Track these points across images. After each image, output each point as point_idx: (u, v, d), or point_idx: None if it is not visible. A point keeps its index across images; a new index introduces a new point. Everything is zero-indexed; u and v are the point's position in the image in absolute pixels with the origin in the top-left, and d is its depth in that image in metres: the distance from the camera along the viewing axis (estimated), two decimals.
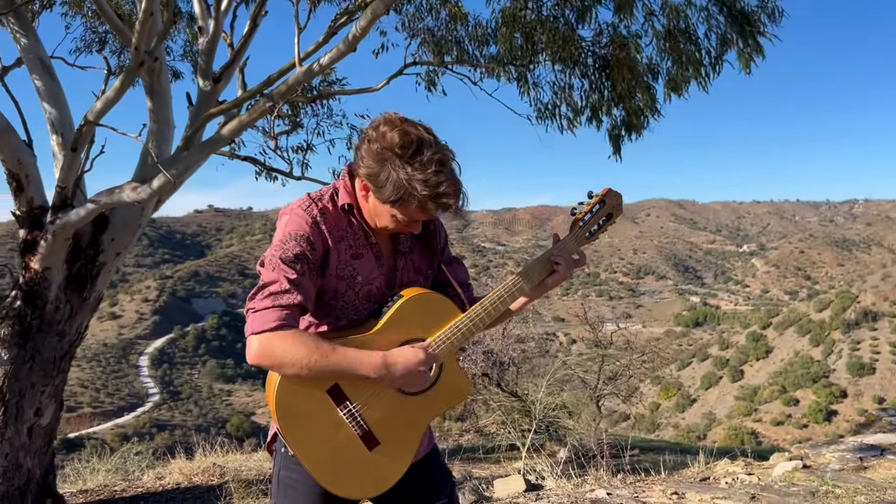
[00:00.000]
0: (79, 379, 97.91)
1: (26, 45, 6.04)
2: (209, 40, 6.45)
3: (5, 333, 5.49)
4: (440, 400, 2.01)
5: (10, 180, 5.49)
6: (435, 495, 2.14)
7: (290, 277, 1.80)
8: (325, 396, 1.87)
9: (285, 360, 1.76)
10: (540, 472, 5.08)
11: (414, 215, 1.87)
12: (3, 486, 5.40)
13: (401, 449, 1.97)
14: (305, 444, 1.87)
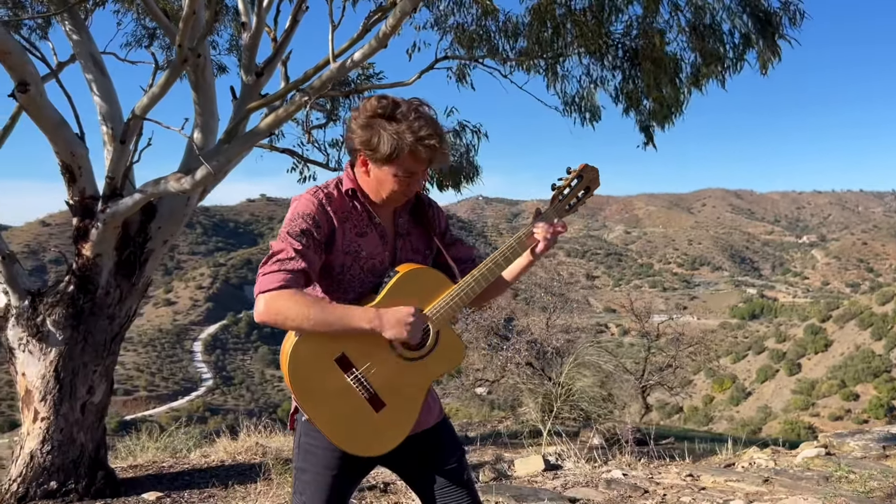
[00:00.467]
0: (135, 363, 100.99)
1: (79, 43, 6.35)
2: (252, 35, 6.69)
3: (60, 316, 5.82)
4: (438, 364, 2.18)
5: (63, 171, 5.80)
6: (444, 461, 2.29)
7: (295, 248, 2.01)
8: (333, 364, 2.05)
9: (288, 315, 1.95)
10: (560, 453, 5.19)
11: (410, 166, 2.06)
12: (58, 459, 5.75)
13: (405, 410, 2.15)
14: (319, 410, 2.06)
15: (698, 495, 4.00)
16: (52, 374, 5.77)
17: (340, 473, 2.17)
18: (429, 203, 2.36)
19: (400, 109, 2.04)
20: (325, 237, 2.08)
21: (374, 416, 2.10)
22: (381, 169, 2.08)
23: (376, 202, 2.18)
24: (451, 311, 2.15)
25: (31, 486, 5.66)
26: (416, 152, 2.03)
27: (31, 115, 5.29)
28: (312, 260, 2.04)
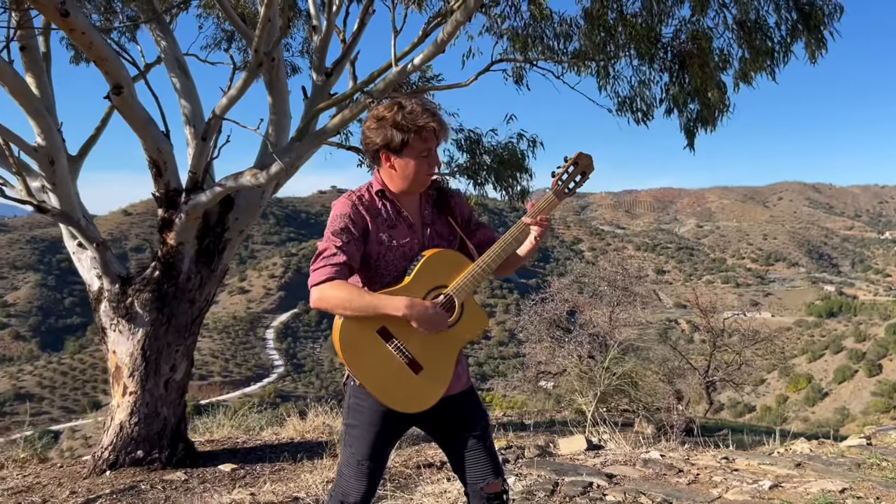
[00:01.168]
0: (210, 349, 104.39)
1: (165, 47, 6.85)
2: (322, 38, 7.07)
3: (146, 299, 6.34)
4: (464, 332, 2.54)
5: (151, 166, 6.29)
6: (469, 426, 2.61)
7: (337, 245, 2.40)
8: (376, 335, 2.42)
9: (334, 302, 2.35)
10: (602, 434, 5.40)
11: (422, 147, 2.45)
12: (144, 430, 6.27)
13: (440, 372, 2.50)
14: (366, 374, 2.43)
15: (730, 475, 4.16)
16: (140, 352, 6.29)
17: (382, 429, 2.53)
18: (451, 194, 2.71)
19: (403, 107, 2.44)
20: (361, 232, 2.45)
21: (414, 378, 2.46)
22: (402, 158, 2.46)
23: (402, 196, 2.55)
24: (472, 286, 2.50)
25: (120, 453, 6.20)
26: (421, 134, 2.42)
27: (123, 115, 5.77)
28: (352, 253, 2.42)
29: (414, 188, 2.55)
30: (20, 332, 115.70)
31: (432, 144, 2.48)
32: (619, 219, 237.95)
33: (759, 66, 5.13)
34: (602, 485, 4.03)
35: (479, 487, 2.57)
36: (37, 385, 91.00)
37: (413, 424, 2.67)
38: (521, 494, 3.88)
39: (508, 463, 4.68)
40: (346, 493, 2.55)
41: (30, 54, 6.58)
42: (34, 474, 6.50)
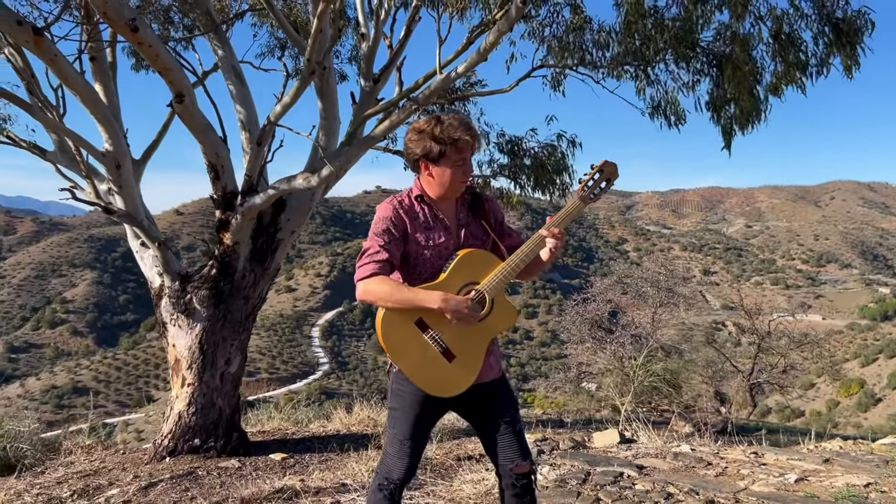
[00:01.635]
0: (258, 347, 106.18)
1: (222, 56, 7.21)
2: (370, 45, 7.36)
3: (204, 296, 6.70)
4: (495, 325, 2.78)
5: (209, 170, 6.65)
6: (500, 412, 2.86)
7: (380, 244, 2.69)
8: (413, 326, 2.69)
9: (378, 295, 2.63)
10: (636, 429, 5.56)
11: (457, 156, 2.73)
12: (200, 420, 6.64)
13: (471, 360, 2.75)
14: (405, 360, 2.70)
15: (757, 469, 4.29)
16: (197, 346, 6.65)
17: (421, 412, 2.80)
18: (485, 199, 2.97)
19: (441, 121, 2.73)
20: (401, 233, 2.74)
21: (447, 365, 2.71)
22: (439, 167, 2.75)
23: (440, 201, 2.83)
24: (502, 283, 2.75)
25: (178, 441, 6.57)
26: (457, 145, 2.71)
27: (184, 122, 6.13)
28: (393, 252, 2.70)
29: (450, 194, 2.82)
30: (77, 328, 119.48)
31: (467, 155, 2.76)
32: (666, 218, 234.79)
33: (791, 79, 5.25)
34: (632, 475, 4.22)
35: (509, 468, 2.83)
36: (93, 379, 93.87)
37: (449, 409, 2.93)
38: (555, 483, 4.09)
39: (543, 454, 4.89)
40: (390, 470, 2.82)
41: (98, 65, 7.01)
42: (100, 459, 6.91)
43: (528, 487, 2.84)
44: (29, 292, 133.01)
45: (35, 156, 6.85)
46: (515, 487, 2.83)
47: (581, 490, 3.93)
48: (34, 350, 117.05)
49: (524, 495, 2.83)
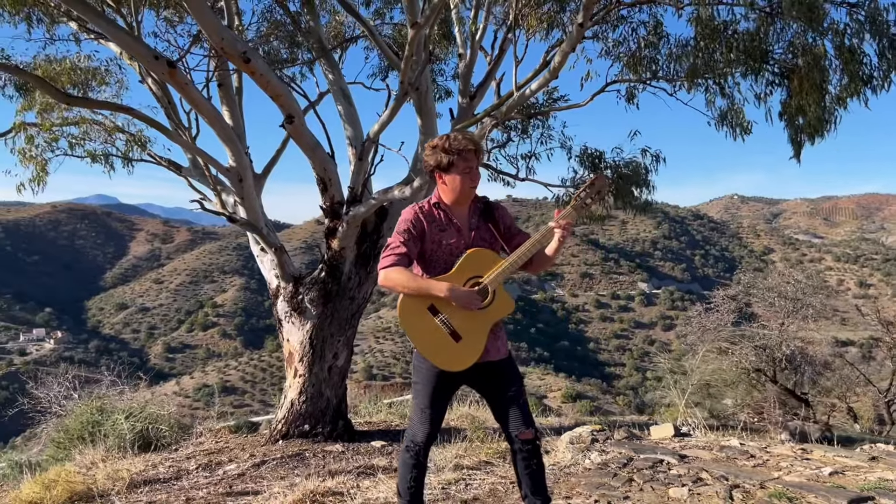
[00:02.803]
0: (392, 351, 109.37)
1: (332, 79, 7.94)
2: (466, 64, 7.86)
3: (314, 296, 7.40)
4: (495, 313, 3.26)
5: (318, 182, 7.36)
6: (506, 387, 3.34)
7: (400, 241, 3.24)
8: (426, 311, 3.20)
9: (395, 282, 3.15)
10: (693, 424, 5.68)
11: (464, 166, 3.25)
12: (310, 408, 7.34)
13: (475, 341, 3.23)
14: (419, 339, 3.22)
15: (797, 463, 4.35)
16: (308, 341, 7.37)
17: (437, 385, 3.30)
18: (495, 206, 3.46)
19: (449, 137, 3.29)
20: (419, 233, 3.26)
21: (454, 345, 3.20)
22: (450, 175, 3.26)
23: (454, 207, 3.32)
24: (502, 277, 3.22)
25: (291, 426, 7.30)
26: (462, 155, 3.24)
27: (295, 140, 6.86)
28: (411, 248, 3.23)
29: (461, 199, 3.30)
30: (227, 331, 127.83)
31: (472, 163, 3.26)
32: (816, 227, 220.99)
33: (856, 91, 5.24)
34: (672, 462, 4.42)
35: (515, 435, 3.28)
36: (240, 379, 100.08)
37: (463, 383, 3.38)
38: (598, 466, 4.37)
39: (597, 443, 5.15)
40: (414, 434, 3.34)
41: (225, 90, 7.92)
42: (224, 441, 7.78)
43: (533, 452, 3.28)
44: (184, 297, 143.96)
45: (171, 171, 7.82)
46: (522, 452, 3.29)
47: (619, 472, 4.20)
48: (188, 350, 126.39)
49: (530, 458, 3.28)
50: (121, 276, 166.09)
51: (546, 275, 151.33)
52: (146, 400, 8.75)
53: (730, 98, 6.04)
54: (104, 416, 7.99)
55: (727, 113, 6.08)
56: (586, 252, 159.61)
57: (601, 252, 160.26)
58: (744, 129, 6.10)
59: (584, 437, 5.21)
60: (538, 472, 3.35)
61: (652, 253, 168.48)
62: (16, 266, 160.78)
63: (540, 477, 3.35)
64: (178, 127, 7.66)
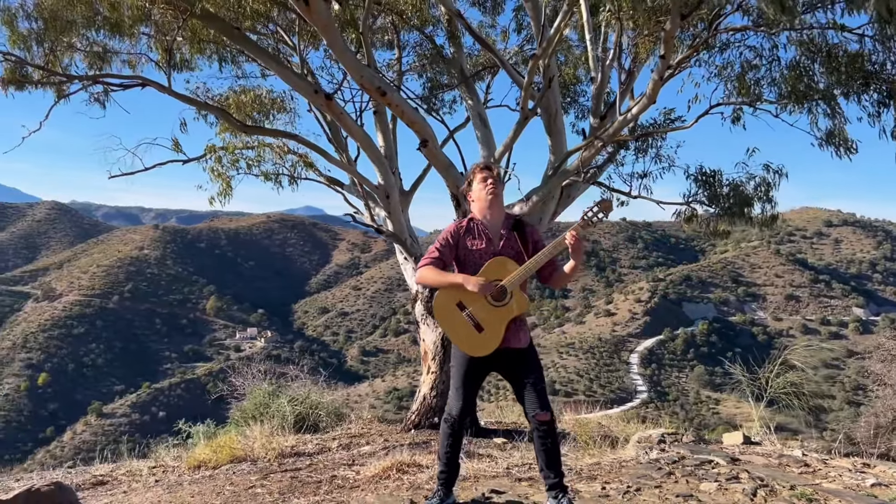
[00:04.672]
0: (575, 367, 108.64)
1: (470, 105, 8.70)
2: (597, 87, 8.30)
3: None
4: (512, 309, 3.85)
5: (452, 199, 8.13)
6: (526, 373, 3.91)
7: (437, 247, 3.95)
8: (455, 306, 3.87)
9: (426, 277, 3.91)
10: (764, 434, 5.68)
11: (481, 177, 4.04)
12: (439, 402, 8.09)
13: (495, 332, 3.85)
14: (450, 329, 3.92)
15: (848, 474, 4.33)
16: (440, 341, 8.13)
17: (469, 368, 3.95)
18: (525, 224, 4.09)
19: (474, 166, 4.17)
20: (455, 242, 3.95)
21: (477, 335, 3.85)
22: (473, 189, 4.03)
23: (487, 221, 3.97)
24: (519, 279, 3.79)
25: (422, 418, 8.11)
26: (476, 174, 4.10)
27: (430, 161, 7.69)
28: (445, 254, 3.93)
29: (484, 207, 3.99)
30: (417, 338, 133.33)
31: (486, 175, 4.02)
32: None
33: None
34: (720, 463, 4.61)
35: (532, 416, 3.78)
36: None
37: (492, 369, 3.93)
38: (648, 460, 4.68)
39: (663, 443, 5.39)
40: (451, 407, 3.99)
41: (380, 117, 8.94)
42: (369, 428, 8.74)
43: (548, 432, 3.80)
44: (379, 303, 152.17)
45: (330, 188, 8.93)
46: (539, 431, 3.82)
47: (664, 467, 4.48)
48: (381, 354, 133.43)
49: (546, 437, 3.81)
50: (324, 282, 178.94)
51: (746, 296, 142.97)
52: (309, 389, 9.96)
53: (841, 117, 6.03)
54: (272, 400, 9.27)
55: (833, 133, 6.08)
56: (792, 272, 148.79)
57: (810, 273, 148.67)
58: (848, 149, 6.08)
59: (653, 438, 5.50)
60: (552, 450, 3.88)
61: (870, 275, 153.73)
62: (235, 270, 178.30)
63: (554, 454, 3.88)
64: (338, 149, 8.77)
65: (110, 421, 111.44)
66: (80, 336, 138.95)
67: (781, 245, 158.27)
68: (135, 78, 7.41)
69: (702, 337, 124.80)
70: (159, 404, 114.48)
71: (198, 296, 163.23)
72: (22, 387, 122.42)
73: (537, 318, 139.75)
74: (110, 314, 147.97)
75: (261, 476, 5.20)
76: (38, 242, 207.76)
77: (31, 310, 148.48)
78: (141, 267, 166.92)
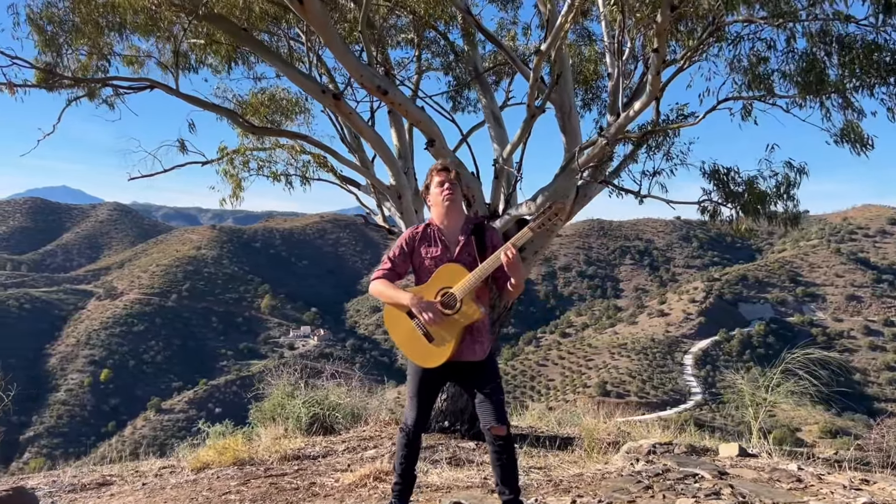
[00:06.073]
0: (627, 369, 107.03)
1: (485, 104, 8.54)
2: (613, 84, 8.06)
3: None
4: (462, 319, 3.67)
5: (463, 200, 7.98)
6: (482, 385, 3.74)
7: (390, 257, 3.81)
8: (405, 316, 3.71)
9: (376, 293, 3.76)
10: (763, 447, 5.36)
11: (438, 180, 3.83)
12: (450, 406, 7.97)
13: (446, 342, 3.67)
14: (399, 339, 3.75)
15: (842, 490, 4.02)
16: None
17: (423, 377, 3.80)
18: (486, 228, 3.90)
19: (431, 168, 3.96)
20: (410, 250, 3.81)
21: (427, 345, 3.68)
22: (431, 193, 3.84)
23: (445, 227, 3.79)
24: (468, 288, 3.63)
25: (432, 421, 7.98)
26: (433, 174, 3.89)
27: (437, 159, 7.54)
28: (398, 264, 3.80)
29: (442, 212, 3.80)
30: None
31: (443, 178, 3.80)
32: None
33: None
34: (706, 477, 4.35)
35: (487, 429, 3.61)
36: None
37: (447, 380, 3.78)
38: (630, 473, 4.45)
39: (652, 454, 5.13)
40: (406, 417, 3.88)
41: (395, 116, 8.84)
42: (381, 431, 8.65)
43: (504, 447, 3.62)
44: None
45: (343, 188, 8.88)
46: (495, 445, 3.65)
47: (644, 480, 4.25)
48: None
49: (502, 452, 3.63)
50: None
51: (805, 296, 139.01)
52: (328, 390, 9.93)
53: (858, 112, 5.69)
54: (289, 401, 9.26)
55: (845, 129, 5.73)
56: (853, 272, 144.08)
57: (872, 272, 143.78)
58: (864, 145, 5.73)
59: (642, 449, 5.25)
60: (508, 465, 3.71)
61: None
62: (289, 269, 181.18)
63: (510, 470, 3.70)
64: (351, 150, 8.71)
65: (168, 416, 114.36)
66: (140, 333, 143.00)
67: (842, 244, 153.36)
68: (142, 80, 7.46)
69: (758, 338, 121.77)
70: (215, 401, 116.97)
71: (253, 294, 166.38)
72: (85, 382, 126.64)
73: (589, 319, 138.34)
74: (169, 312, 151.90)
75: (241, 482, 5.16)
76: (100, 242, 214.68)
77: (93, 308, 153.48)
78: (198, 266, 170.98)
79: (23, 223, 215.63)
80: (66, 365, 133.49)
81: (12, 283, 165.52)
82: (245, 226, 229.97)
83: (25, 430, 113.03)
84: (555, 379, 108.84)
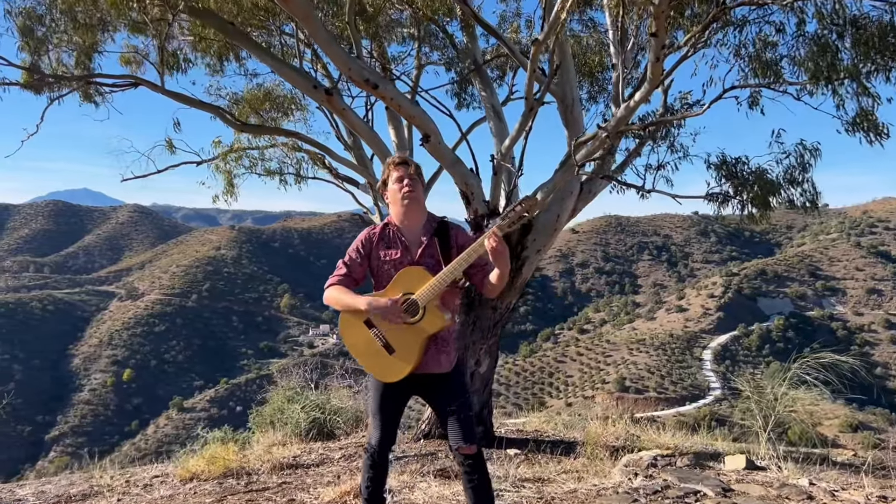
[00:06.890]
0: (646, 364, 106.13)
1: (485, 97, 8.25)
2: (617, 75, 7.75)
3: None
4: (426, 327, 3.36)
5: (462, 196, 7.71)
6: (448, 402, 3.44)
7: (345, 261, 3.49)
8: (363, 325, 3.39)
9: (331, 299, 3.42)
10: (773, 459, 5.03)
11: (396, 176, 3.50)
12: None
13: (408, 354, 3.36)
14: (357, 351, 3.43)
15: None
16: None
17: (384, 393, 3.50)
18: (451, 227, 3.57)
19: (387, 162, 3.63)
20: (367, 252, 3.47)
21: (388, 357, 3.37)
22: (389, 189, 3.51)
23: (404, 227, 3.49)
24: (432, 293, 3.31)
25: (432, 427, 7.73)
26: (390, 169, 3.56)
27: (434, 156, 7.26)
28: (354, 268, 3.47)
29: (401, 212, 3.49)
30: None
31: (401, 173, 3.47)
32: None
33: None
34: (708, 494, 4.04)
35: (455, 448, 3.33)
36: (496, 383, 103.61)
37: (411, 395, 3.50)
38: (627, 490, 4.16)
39: (653, 468, 4.82)
40: (370, 437, 3.59)
41: (392, 113, 8.57)
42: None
43: (475, 466, 3.33)
44: None
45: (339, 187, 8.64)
46: (464, 466, 3.36)
47: (640, 499, 3.96)
48: None
49: (472, 473, 3.33)
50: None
51: (824, 290, 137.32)
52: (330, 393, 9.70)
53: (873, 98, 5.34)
54: (288, 406, 9.04)
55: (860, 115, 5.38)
56: (874, 265, 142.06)
57: (893, 266, 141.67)
58: (878, 133, 5.38)
59: (642, 462, 4.94)
60: (480, 486, 3.42)
61: None
62: (308, 268, 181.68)
63: (482, 492, 3.41)
64: (347, 147, 8.46)
65: (190, 415, 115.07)
66: (161, 333, 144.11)
67: (862, 237, 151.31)
68: (126, 77, 7.25)
69: (778, 332, 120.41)
70: (236, 399, 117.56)
71: (272, 294, 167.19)
72: (108, 382, 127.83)
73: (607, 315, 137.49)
74: (189, 312, 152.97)
75: (218, 498, 4.92)
76: (121, 244, 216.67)
77: (115, 308, 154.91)
78: (218, 266, 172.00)
79: (45, 226, 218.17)
80: (90, 365, 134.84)
81: (35, 284, 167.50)
82: (264, 226, 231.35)
83: (50, 429, 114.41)
84: (573, 375, 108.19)
